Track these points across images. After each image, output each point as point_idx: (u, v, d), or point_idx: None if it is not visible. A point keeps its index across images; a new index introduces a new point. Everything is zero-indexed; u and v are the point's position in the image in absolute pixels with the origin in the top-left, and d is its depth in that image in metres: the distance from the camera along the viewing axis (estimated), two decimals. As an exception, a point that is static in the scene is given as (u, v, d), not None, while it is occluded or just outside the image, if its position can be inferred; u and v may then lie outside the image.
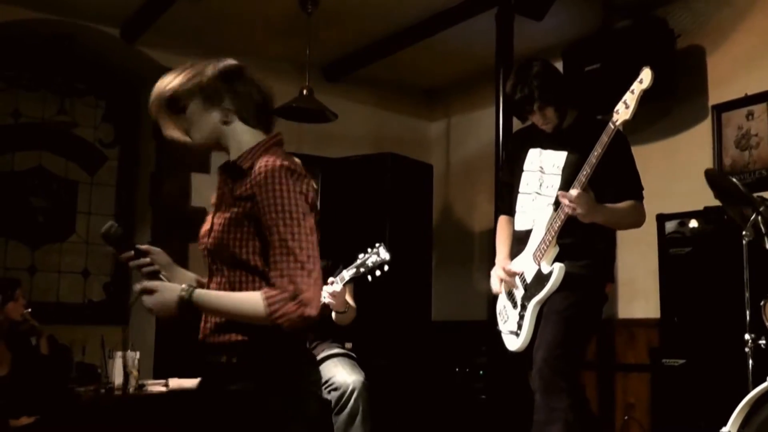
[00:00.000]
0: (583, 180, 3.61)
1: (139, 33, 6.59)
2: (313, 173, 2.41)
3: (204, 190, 6.92)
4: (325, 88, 7.05)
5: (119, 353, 5.24)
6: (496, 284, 4.15)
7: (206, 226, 2.48)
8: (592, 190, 3.66)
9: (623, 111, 3.54)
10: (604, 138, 3.58)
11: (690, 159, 5.69)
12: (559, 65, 5.54)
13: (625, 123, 3.55)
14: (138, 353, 5.33)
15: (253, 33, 6.63)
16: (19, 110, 7.08)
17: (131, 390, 5.19)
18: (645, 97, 3.52)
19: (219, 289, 2.38)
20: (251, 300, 2.23)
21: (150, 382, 5.39)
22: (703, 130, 5.66)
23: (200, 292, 2.33)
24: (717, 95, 5.61)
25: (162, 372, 5.95)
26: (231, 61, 2.56)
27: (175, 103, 2.50)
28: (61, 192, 7.22)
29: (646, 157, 4.04)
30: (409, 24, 6.44)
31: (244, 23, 6.46)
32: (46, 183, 7.15)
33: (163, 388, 5.25)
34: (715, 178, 4.17)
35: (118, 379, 5.16)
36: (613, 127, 3.57)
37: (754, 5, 5.49)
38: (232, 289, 2.34)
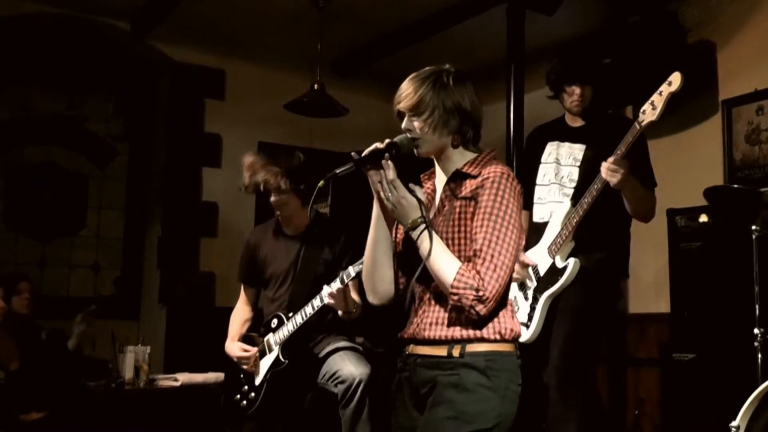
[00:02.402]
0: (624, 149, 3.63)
1: (151, 27, 6.60)
2: (324, 168, 2.42)
3: (214, 184, 6.94)
4: (337, 82, 7.05)
5: (130, 348, 5.26)
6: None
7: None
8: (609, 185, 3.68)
9: (650, 112, 3.54)
10: (629, 138, 3.60)
11: (700, 154, 5.68)
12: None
13: (651, 124, 3.55)
14: (149, 348, 5.35)
15: (265, 28, 6.62)
16: (30, 104, 7.08)
17: (142, 384, 5.21)
18: (655, 91, 3.53)
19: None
20: (452, 265, 2.37)
21: (160, 376, 5.41)
22: (714, 125, 5.65)
23: (433, 231, 2.42)
24: (727, 90, 5.60)
25: (173, 367, 5.97)
26: None
27: None
28: (72, 186, 7.22)
29: (657, 151, 4.03)
30: (420, 18, 6.44)
31: (255, 18, 6.46)
32: (57, 177, 7.16)
33: (174, 383, 5.26)
34: (715, 193, 4.14)
35: (128, 373, 5.18)
36: (639, 127, 3.58)
37: (764, 1, 5.47)
38: None
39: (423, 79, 2.49)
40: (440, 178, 2.62)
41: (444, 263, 2.37)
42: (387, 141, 2.44)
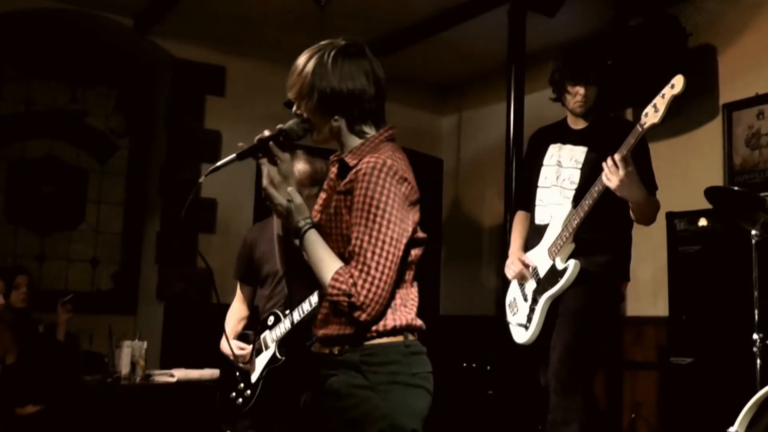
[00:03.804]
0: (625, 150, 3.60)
1: (153, 24, 6.61)
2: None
3: (214, 180, 6.92)
4: (337, 81, 7.05)
5: (126, 343, 5.26)
6: (510, 272, 4.13)
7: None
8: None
9: (652, 114, 3.53)
10: (631, 140, 3.58)
11: (700, 157, 5.68)
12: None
13: (653, 126, 3.54)
14: (145, 343, 5.36)
15: (266, 25, 6.63)
16: (32, 98, 7.09)
17: (138, 380, 5.22)
18: (658, 94, 3.52)
19: None
20: (329, 268, 2.26)
21: (156, 372, 5.41)
22: (714, 128, 5.65)
23: (315, 232, 2.32)
24: (728, 94, 5.59)
25: (169, 362, 5.97)
26: None
27: None
28: (72, 180, 7.23)
29: (656, 154, 4.02)
30: (422, 19, 6.45)
31: (257, 15, 6.46)
32: (57, 171, 7.17)
33: (170, 379, 5.26)
34: (716, 194, 4.13)
35: (124, 368, 5.19)
36: (641, 129, 3.56)
37: (765, 5, 5.47)
38: None
39: (306, 61, 2.37)
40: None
41: (322, 266, 2.28)
42: (277, 127, 2.36)
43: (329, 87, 2.32)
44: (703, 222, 5.03)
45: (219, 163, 2.31)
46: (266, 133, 2.34)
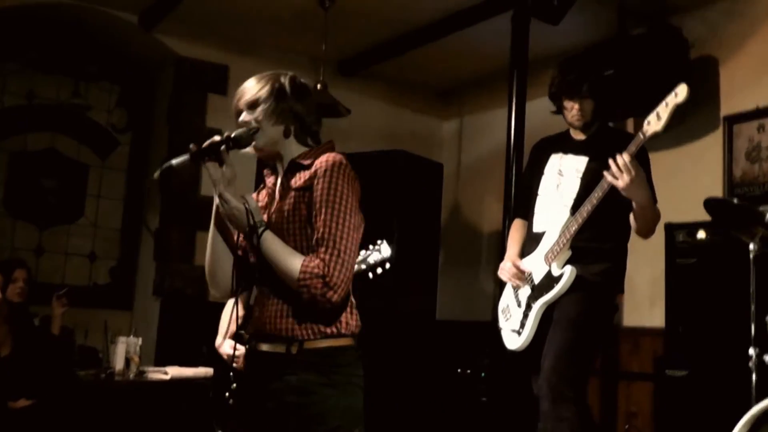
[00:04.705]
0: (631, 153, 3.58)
1: (157, 21, 6.60)
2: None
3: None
4: (340, 82, 7.05)
5: (121, 338, 5.25)
6: (504, 275, 4.12)
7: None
8: (613, 196, 3.65)
9: (654, 122, 3.50)
10: (632, 147, 3.56)
11: (700, 169, 5.67)
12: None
13: (655, 134, 3.53)
14: (140, 339, 5.35)
15: (270, 26, 6.63)
16: (34, 92, 7.10)
17: (131, 376, 5.20)
18: (658, 103, 3.51)
19: None
20: (294, 260, 2.40)
21: (150, 369, 5.40)
22: (714, 140, 5.65)
23: (270, 231, 2.47)
24: (729, 106, 5.60)
25: (164, 359, 5.96)
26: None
27: None
28: (72, 174, 7.24)
29: (657, 164, 4.00)
30: (425, 23, 6.44)
31: (261, 15, 6.47)
32: (58, 165, 7.18)
33: (164, 376, 5.25)
34: (715, 205, 4.12)
35: (119, 364, 5.18)
36: (642, 137, 3.54)
37: (768, 19, 5.48)
38: None
39: (259, 79, 2.61)
40: (280, 173, 2.65)
41: (287, 261, 2.41)
42: (225, 134, 2.50)
43: (284, 100, 2.57)
44: (701, 234, 5.03)
45: (173, 162, 2.43)
46: (217, 138, 2.49)
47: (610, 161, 3.57)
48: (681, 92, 3.45)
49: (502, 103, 5.85)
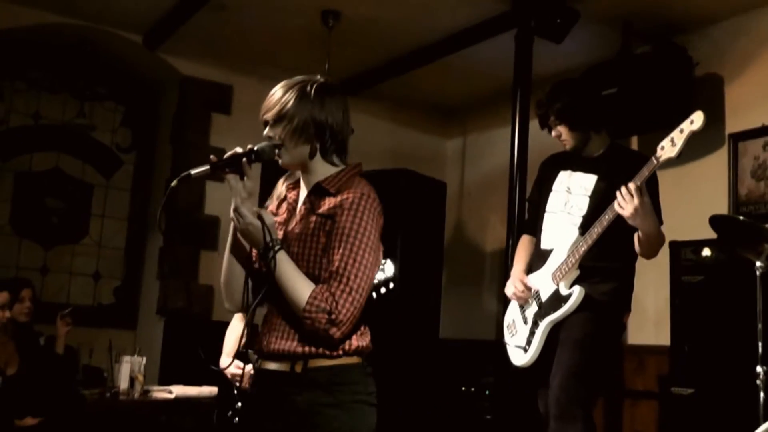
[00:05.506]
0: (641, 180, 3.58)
1: (162, 41, 6.64)
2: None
3: (217, 198, 6.94)
4: (343, 102, 7.07)
5: (126, 358, 5.25)
6: (510, 291, 4.11)
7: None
8: (623, 217, 3.65)
9: (669, 148, 3.51)
10: (645, 171, 3.56)
11: (705, 187, 5.67)
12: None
13: (668, 160, 3.53)
14: (144, 359, 5.34)
15: (274, 44, 6.65)
16: (40, 112, 7.14)
17: (136, 395, 5.20)
18: (663, 122, 3.51)
19: None
20: (304, 288, 2.36)
21: (155, 388, 5.40)
22: (719, 158, 5.64)
23: (284, 252, 2.42)
24: (734, 124, 5.59)
25: (168, 378, 5.95)
26: None
27: None
28: (77, 194, 7.26)
29: (661, 183, 4.00)
30: (429, 42, 6.45)
31: (265, 34, 6.49)
32: (63, 184, 7.21)
33: (168, 395, 5.25)
34: (721, 222, 4.12)
35: (123, 383, 5.17)
36: (656, 162, 3.54)
37: (774, 37, 5.49)
38: None
39: (287, 89, 2.53)
40: (303, 190, 2.60)
41: (296, 286, 2.37)
42: (248, 146, 2.47)
43: (310, 115, 2.49)
44: (707, 252, 5.01)
45: (193, 171, 2.42)
46: (239, 150, 2.45)
47: (617, 192, 3.59)
48: (697, 120, 3.44)
49: (505, 122, 5.86)
